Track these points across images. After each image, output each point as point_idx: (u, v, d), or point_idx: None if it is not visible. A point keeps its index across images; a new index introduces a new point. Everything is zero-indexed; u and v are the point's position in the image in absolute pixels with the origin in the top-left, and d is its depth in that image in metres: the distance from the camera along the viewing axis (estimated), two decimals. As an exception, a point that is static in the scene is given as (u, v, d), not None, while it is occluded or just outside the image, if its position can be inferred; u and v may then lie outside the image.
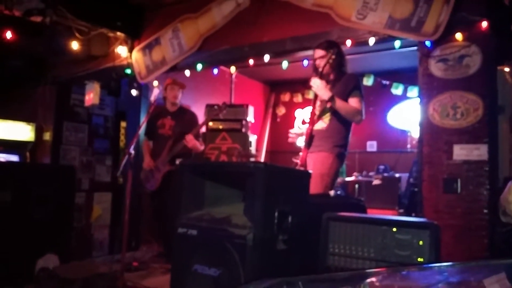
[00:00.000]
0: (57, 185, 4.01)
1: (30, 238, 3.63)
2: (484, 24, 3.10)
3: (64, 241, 4.00)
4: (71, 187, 4.30)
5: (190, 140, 3.96)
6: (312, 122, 3.26)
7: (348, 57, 3.39)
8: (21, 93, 5.99)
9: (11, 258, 3.46)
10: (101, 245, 5.82)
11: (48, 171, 4.30)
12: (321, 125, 3.28)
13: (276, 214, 2.06)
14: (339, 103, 3.11)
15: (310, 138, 3.23)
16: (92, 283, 3.18)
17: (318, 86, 3.12)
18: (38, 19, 4.24)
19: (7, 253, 3.47)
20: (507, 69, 3.34)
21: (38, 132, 5.77)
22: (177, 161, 4.07)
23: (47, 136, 5.74)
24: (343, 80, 3.24)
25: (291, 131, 3.54)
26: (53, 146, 5.65)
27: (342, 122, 3.25)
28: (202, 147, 4.30)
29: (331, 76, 3.24)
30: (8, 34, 4.46)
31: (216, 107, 4.34)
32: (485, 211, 2.99)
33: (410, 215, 5.11)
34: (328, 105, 3.16)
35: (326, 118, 3.26)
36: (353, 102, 3.18)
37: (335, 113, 3.19)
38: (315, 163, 3.19)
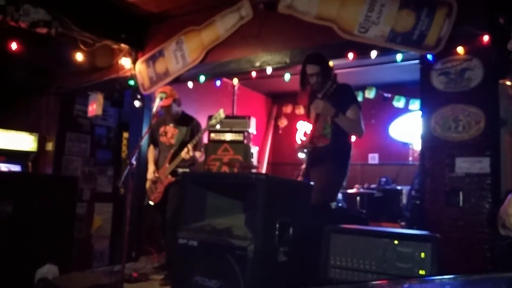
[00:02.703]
0: (59, 196, 4.01)
1: (30, 248, 3.62)
2: (486, 38, 3.12)
3: (65, 251, 3.99)
4: (72, 197, 4.30)
5: (187, 152, 3.91)
6: (313, 138, 3.24)
7: (350, 69, 3.41)
8: (25, 103, 6.03)
9: (10, 268, 3.45)
10: (101, 255, 5.80)
11: (50, 182, 4.30)
12: (324, 141, 3.26)
13: (277, 225, 2.06)
14: (342, 119, 3.09)
15: (314, 153, 3.22)
16: (92, 294, 3.16)
17: (321, 107, 3.09)
18: (43, 30, 4.29)
19: (7, 263, 3.46)
20: (508, 83, 3.35)
21: (41, 142, 5.79)
22: (179, 170, 4.04)
23: (49, 146, 5.76)
24: (339, 92, 3.21)
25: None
26: (56, 156, 5.67)
27: (344, 136, 3.24)
28: (202, 158, 4.24)
29: (322, 95, 3.19)
30: (14, 45, 4.51)
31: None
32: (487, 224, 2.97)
33: (412, 228, 5.07)
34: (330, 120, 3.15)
35: (329, 134, 3.24)
36: (352, 115, 3.16)
37: (337, 128, 3.18)
38: (320, 178, 3.16)
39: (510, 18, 1.21)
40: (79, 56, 4.91)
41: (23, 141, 5.72)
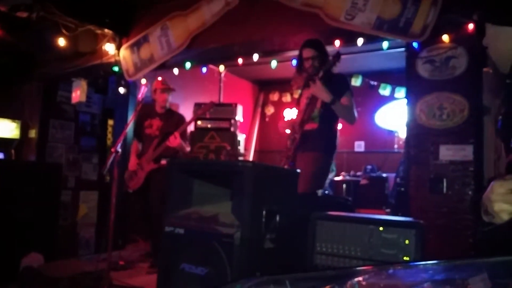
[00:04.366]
0: (43, 183, 3.97)
1: (14, 237, 3.58)
2: (471, 26, 3.14)
3: (49, 239, 3.96)
4: (56, 185, 4.26)
5: (175, 139, 3.91)
6: (302, 122, 3.26)
7: (336, 57, 3.39)
8: (7, 90, 5.89)
9: (-5, 257, 3.42)
10: (87, 244, 5.76)
11: (33, 169, 4.25)
12: (311, 125, 3.28)
13: (264, 213, 2.06)
14: (339, 106, 3.11)
15: (301, 138, 3.24)
16: (78, 282, 3.15)
17: (319, 88, 3.09)
18: (24, 14, 4.17)
19: (-9, 251, 3.42)
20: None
21: (24, 129, 5.69)
22: (163, 161, 4.03)
23: (32, 133, 5.66)
24: (333, 82, 3.23)
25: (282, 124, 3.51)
26: (39, 143, 5.58)
27: (331, 122, 3.27)
28: (188, 148, 4.25)
29: (320, 76, 3.21)
30: (-7, 30, 4.40)
31: (202, 105, 4.32)
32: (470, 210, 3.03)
33: (396, 215, 5.15)
34: (318, 105, 3.16)
35: (317, 118, 3.26)
36: (346, 103, 3.19)
37: (325, 114, 3.20)
38: (307, 163, 3.19)
39: (484, 15, 1.22)
40: (62, 41, 4.81)
41: (5, 128, 5.60)
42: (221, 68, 5.31)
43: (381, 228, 1.89)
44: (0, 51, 5.14)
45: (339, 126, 3.40)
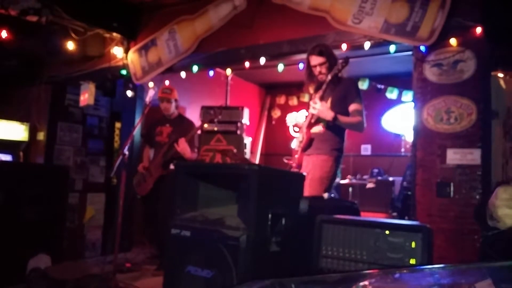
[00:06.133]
0: (50, 185, 3.99)
1: (22, 238, 3.61)
2: (479, 29, 3.12)
3: (56, 241, 3.99)
4: (64, 187, 4.28)
5: (180, 143, 3.92)
6: (310, 125, 3.26)
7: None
8: (16, 93, 5.96)
9: (2, 258, 3.44)
10: (94, 246, 5.79)
11: (41, 171, 4.28)
12: (319, 128, 3.27)
13: (269, 216, 2.06)
14: (342, 120, 3.11)
15: (309, 141, 3.24)
16: (84, 284, 3.17)
17: (319, 109, 3.10)
18: (34, 18, 4.22)
19: (-1, 253, 3.45)
20: (500, 75, 3.37)
21: (32, 132, 5.74)
22: (171, 166, 4.04)
23: (41, 136, 5.72)
24: (342, 85, 3.23)
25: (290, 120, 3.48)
26: (47, 146, 5.63)
27: (339, 126, 3.26)
28: (194, 155, 4.18)
29: (328, 80, 3.20)
30: (3, 34, 4.44)
31: (212, 111, 4.33)
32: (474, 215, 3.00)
33: (403, 219, 5.12)
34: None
35: (324, 121, 3.26)
36: (355, 111, 3.17)
37: None
38: (314, 166, 3.18)
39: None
40: (70, 45, 4.86)
41: (14, 130, 5.66)
42: (228, 71, 5.34)
43: (387, 232, 1.89)
44: (9, 54, 5.21)
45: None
